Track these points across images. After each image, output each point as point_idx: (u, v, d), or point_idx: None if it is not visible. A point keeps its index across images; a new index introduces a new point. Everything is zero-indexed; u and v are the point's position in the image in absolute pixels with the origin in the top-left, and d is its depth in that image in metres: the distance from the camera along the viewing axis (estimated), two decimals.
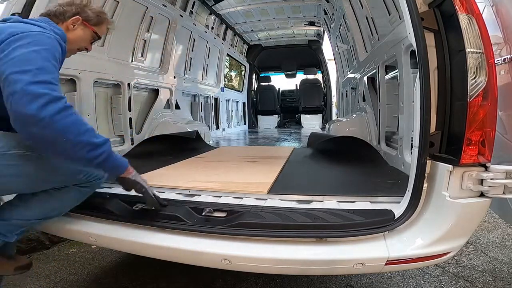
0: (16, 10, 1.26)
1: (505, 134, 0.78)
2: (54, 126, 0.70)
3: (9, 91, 0.69)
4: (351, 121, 2.28)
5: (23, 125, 0.71)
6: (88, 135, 0.75)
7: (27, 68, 0.71)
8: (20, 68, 0.71)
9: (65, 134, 0.72)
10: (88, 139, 0.75)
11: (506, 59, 0.79)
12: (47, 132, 0.70)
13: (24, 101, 0.68)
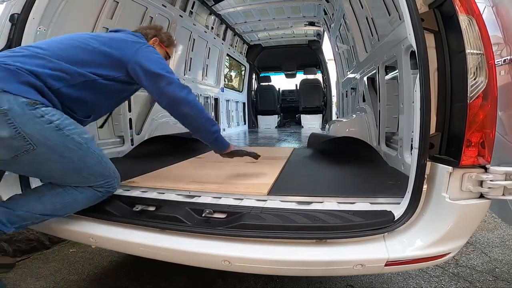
0: (15, 11, 1.26)
1: (505, 135, 0.78)
2: (196, 107, 1.07)
3: (166, 82, 1.03)
4: (351, 121, 2.28)
5: (177, 106, 1.05)
6: (208, 115, 1.13)
7: (169, 69, 1.08)
8: (166, 69, 1.06)
9: (201, 113, 1.09)
10: (210, 117, 1.14)
11: (506, 60, 0.79)
12: (193, 110, 1.06)
13: (178, 89, 1.04)
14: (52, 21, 1.51)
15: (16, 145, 0.81)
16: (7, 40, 1.25)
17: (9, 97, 0.80)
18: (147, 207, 1.00)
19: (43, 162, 0.87)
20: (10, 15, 1.25)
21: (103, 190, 0.98)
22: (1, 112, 0.79)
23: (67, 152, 0.88)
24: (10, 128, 0.80)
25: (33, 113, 0.82)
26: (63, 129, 0.87)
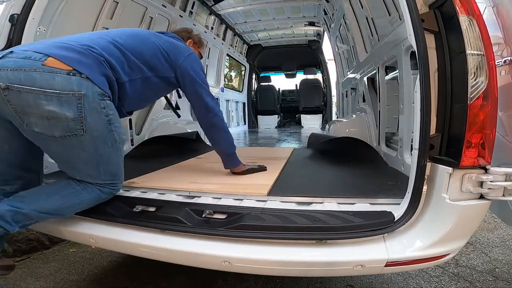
0: (15, 11, 1.26)
1: (505, 136, 0.78)
2: (223, 121, 1.23)
3: (206, 93, 1.19)
4: (351, 121, 2.28)
5: (210, 114, 1.19)
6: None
7: (206, 81, 1.23)
8: (205, 81, 1.21)
9: (226, 128, 1.26)
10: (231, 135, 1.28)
11: (506, 61, 0.78)
12: (220, 123, 1.22)
13: (214, 102, 1.21)
14: (52, 21, 1.51)
15: (72, 126, 0.85)
16: (7, 40, 1.25)
17: (88, 84, 0.87)
18: (147, 208, 1.00)
19: (78, 148, 0.90)
20: (10, 15, 1.25)
21: (107, 191, 0.99)
22: (78, 95, 0.84)
23: (101, 145, 0.92)
24: (76, 110, 0.84)
25: (99, 104, 0.89)
26: (112, 124, 0.93)
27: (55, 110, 0.82)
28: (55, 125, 0.84)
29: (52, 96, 0.81)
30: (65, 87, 0.83)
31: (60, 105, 0.82)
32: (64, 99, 0.82)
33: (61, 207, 0.94)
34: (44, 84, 0.81)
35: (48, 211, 0.92)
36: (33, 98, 0.81)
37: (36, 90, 0.80)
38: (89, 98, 0.86)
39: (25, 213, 0.88)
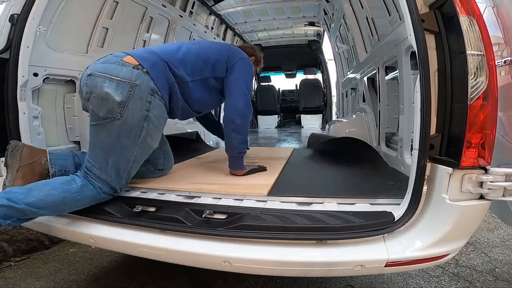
0: (15, 11, 1.26)
1: (505, 136, 0.77)
2: (247, 124, 1.26)
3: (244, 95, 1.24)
4: (351, 121, 2.28)
5: (237, 113, 1.21)
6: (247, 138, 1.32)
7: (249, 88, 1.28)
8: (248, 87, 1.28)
9: (245, 131, 1.27)
10: (247, 140, 1.31)
11: (506, 61, 0.78)
12: (242, 124, 1.23)
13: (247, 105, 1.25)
14: (52, 21, 1.51)
15: (114, 110, 0.95)
16: (7, 40, 1.25)
17: (146, 78, 0.99)
18: (147, 208, 1.00)
19: (106, 134, 0.98)
20: (10, 15, 1.25)
21: (106, 191, 1.01)
22: (132, 84, 0.97)
23: (125, 135, 0.99)
24: (125, 96, 0.95)
25: (146, 97, 0.99)
26: (146, 121, 1.00)
27: (109, 92, 0.94)
28: (103, 105, 0.96)
29: (113, 81, 0.96)
30: (126, 76, 0.97)
31: (115, 89, 0.95)
32: (121, 86, 0.96)
33: (58, 200, 0.93)
34: (113, 72, 0.97)
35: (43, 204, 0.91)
36: (100, 81, 0.96)
37: (105, 76, 0.96)
38: (141, 89, 0.98)
39: (20, 208, 0.87)
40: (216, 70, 1.22)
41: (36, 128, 1.41)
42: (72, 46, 1.68)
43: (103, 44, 1.88)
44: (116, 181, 1.02)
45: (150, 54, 1.06)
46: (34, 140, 1.36)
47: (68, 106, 1.70)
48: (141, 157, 1.06)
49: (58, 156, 1.07)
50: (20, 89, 1.27)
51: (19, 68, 1.26)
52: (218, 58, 1.23)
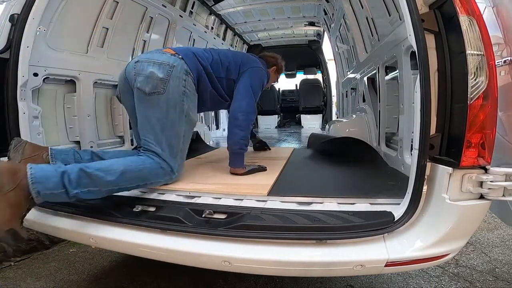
0: (15, 11, 1.26)
1: (505, 136, 0.77)
2: (248, 123, 1.37)
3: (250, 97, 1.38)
4: (351, 121, 2.28)
5: (242, 113, 1.34)
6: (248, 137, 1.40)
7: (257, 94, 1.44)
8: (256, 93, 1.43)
9: (247, 129, 1.36)
10: (248, 138, 1.39)
11: (506, 61, 0.78)
12: (244, 122, 1.34)
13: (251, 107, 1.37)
14: (52, 21, 1.51)
15: (158, 85, 1.14)
16: (7, 40, 1.25)
17: (181, 62, 1.21)
18: (147, 208, 1.00)
19: (155, 106, 1.15)
20: (10, 15, 1.25)
21: (165, 167, 1.13)
22: (171, 65, 1.18)
23: (171, 109, 1.16)
24: (166, 73, 1.15)
25: (182, 76, 1.19)
26: (185, 96, 1.19)
27: (153, 71, 1.15)
28: (149, 82, 1.14)
29: (156, 63, 1.17)
30: (166, 60, 1.19)
31: (158, 69, 1.16)
32: (162, 66, 1.17)
33: (124, 171, 1.02)
34: (155, 57, 1.20)
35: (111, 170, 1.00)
36: (146, 65, 1.17)
37: (150, 60, 1.18)
38: (177, 69, 1.18)
39: (90, 173, 0.94)
40: (230, 73, 1.40)
41: (36, 128, 1.41)
42: (72, 46, 1.68)
43: (103, 44, 1.89)
44: (171, 159, 1.15)
45: (183, 48, 1.35)
46: (34, 140, 1.35)
47: (68, 106, 1.70)
48: (188, 135, 1.24)
49: (58, 151, 1.13)
50: (20, 89, 1.27)
51: (19, 68, 1.26)
52: (232, 62, 1.41)
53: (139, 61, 1.19)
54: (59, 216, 1.10)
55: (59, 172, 0.89)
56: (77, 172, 0.91)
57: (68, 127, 1.71)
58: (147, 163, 1.09)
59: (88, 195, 0.94)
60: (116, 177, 0.99)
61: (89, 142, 1.77)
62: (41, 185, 0.85)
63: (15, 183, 0.81)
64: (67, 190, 0.89)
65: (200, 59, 1.30)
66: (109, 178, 0.97)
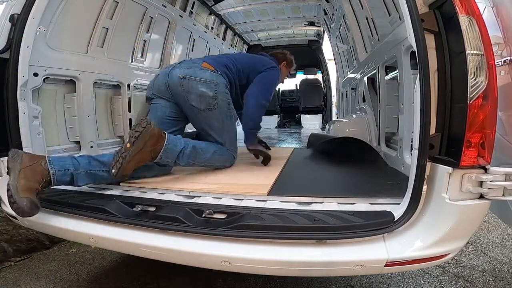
0: (15, 11, 1.26)
1: (505, 136, 0.77)
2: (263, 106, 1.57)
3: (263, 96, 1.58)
4: (351, 121, 2.28)
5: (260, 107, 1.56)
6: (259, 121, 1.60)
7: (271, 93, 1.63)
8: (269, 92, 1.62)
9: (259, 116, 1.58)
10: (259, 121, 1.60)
11: (506, 61, 0.78)
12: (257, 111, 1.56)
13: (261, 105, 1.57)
14: (52, 21, 1.51)
15: (211, 102, 1.39)
16: (7, 40, 1.25)
17: (221, 78, 1.43)
18: (147, 208, 1.00)
19: (212, 118, 1.42)
20: (10, 15, 1.25)
21: (233, 152, 1.49)
22: (215, 83, 1.40)
23: (225, 118, 1.45)
24: (213, 91, 1.39)
25: (224, 90, 1.44)
26: (230, 105, 1.48)
27: (204, 90, 1.37)
28: (202, 101, 1.38)
29: (203, 82, 1.37)
30: (210, 78, 1.39)
31: (206, 88, 1.37)
32: (209, 85, 1.38)
33: (214, 153, 1.39)
34: (200, 75, 1.38)
35: (204, 147, 1.36)
36: (194, 84, 1.37)
37: (196, 79, 1.37)
38: (220, 86, 1.41)
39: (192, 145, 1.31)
40: (249, 79, 1.60)
41: (36, 128, 1.41)
42: (72, 46, 1.68)
43: (103, 44, 1.89)
44: (233, 150, 1.49)
45: (218, 62, 1.51)
46: (34, 140, 1.36)
47: (68, 106, 1.70)
48: (235, 130, 1.54)
49: (56, 158, 1.14)
50: (20, 89, 1.27)
51: (19, 68, 1.25)
52: (251, 68, 1.62)
53: (185, 78, 1.37)
54: (59, 216, 1.10)
55: (180, 148, 1.26)
56: (191, 148, 1.29)
57: (68, 127, 1.71)
58: (225, 151, 1.44)
59: (185, 165, 1.31)
60: (209, 156, 1.36)
61: (89, 142, 1.78)
62: (168, 155, 1.22)
63: None
64: (179, 160, 1.26)
65: (231, 72, 1.53)
66: (205, 155, 1.35)
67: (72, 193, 1.19)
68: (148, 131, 1.13)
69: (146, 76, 2.36)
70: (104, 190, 1.24)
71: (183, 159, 1.26)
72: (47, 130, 1.53)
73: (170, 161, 1.23)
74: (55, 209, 1.10)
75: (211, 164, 1.40)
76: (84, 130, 1.74)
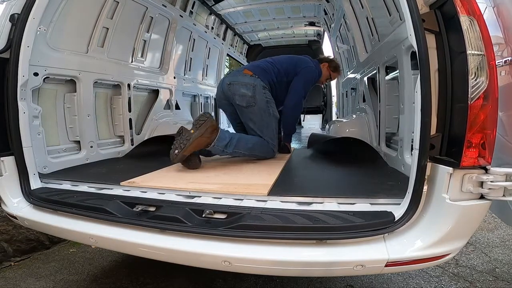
0: (15, 11, 1.26)
1: (505, 136, 0.77)
2: (296, 114, 2.03)
3: (299, 94, 1.89)
4: (351, 121, 2.28)
5: (287, 106, 1.88)
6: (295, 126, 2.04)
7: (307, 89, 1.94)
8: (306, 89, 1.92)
9: (291, 118, 1.97)
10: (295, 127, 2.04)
11: (507, 61, 0.78)
12: (295, 114, 1.98)
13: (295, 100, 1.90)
14: (52, 21, 1.51)
15: (250, 100, 1.69)
16: (8, 40, 1.24)
17: (258, 80, 1.73)
18: (147, 208, 1.00)
19: (253, 114, 1.71)
20: (10, 15, 1.25)
21: (274, 146, 1.74)
22: (253, 85, 1.70)
23: (264, 114, 1.71)
24: (252, 92, 1.69)
25: (262, 90, 1.72)
26: (268, 103, 1.74)
27: (244, 91, 1.70)
28: (243, 99, 1.70)
29: (243, 85, 1.71)
30: (249, 81, 1.71)
31: (246, 89, 1.69)
32: (248, 87, 1.70)
33: (256, 143, 1.67)
34: (241, 80, 1.73)
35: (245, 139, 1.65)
36: (238, 87, 1.72)
37: (239, 83, 1.72)
38: (258, 87, 1.71)
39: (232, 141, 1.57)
40: (289, 75, 1.85)
41: (36, 128, 1.41)
42: (72, 45, 1.68)
43: (103, 44, 1.89)
44: (273, 143, 1.73)
45: (257, 67, 1.81)
46: (34, 140, 1.36)
47: (68, 105, 1.70)
48: (276, 125, 1.78)
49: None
50: (20, 88, 1.27)
51: (20, 67, 1.25)
52: (290, 67, 1.85)
53: (231, 84, 1.73)
54: (59, 216, 1.10)
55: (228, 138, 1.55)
56: (237, 139, 1.58)
57: (68, 126, 1.71)
58: (265, 143, 1.69)
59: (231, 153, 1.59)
60: (251, 146, 1.63)
61: (89, 142, 1.78)
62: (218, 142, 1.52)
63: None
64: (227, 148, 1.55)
65: (269, 74, 1.78)
66: (247, 145, 1.62)
67: (72, 193, 1.19)
68: (208, 121, 1.47)
69: (146, 76, 2.36)
70: (104, 190, 1.24)
71: (230, 147, 1.55)
72: (47, 130, 1.53)
73: (220, 148, 1.52)
74: (55, 209, 1.10)
75: (253, 153, 1.66)
76: (84, 130, 1.74)
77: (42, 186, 1.31)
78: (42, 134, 1.45)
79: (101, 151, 1.86)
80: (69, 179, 1.36)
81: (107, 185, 1.26)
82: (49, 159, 1.50)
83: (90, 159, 1.76)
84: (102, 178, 1.36)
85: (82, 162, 1.70)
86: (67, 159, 1.63)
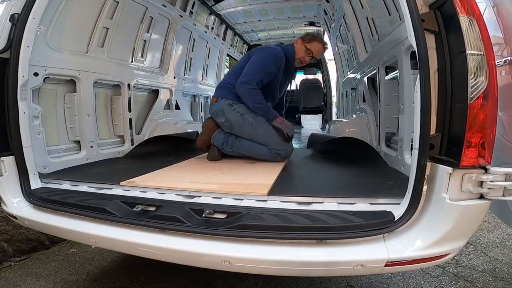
0: (15, 11, 1.26)
1: (505, 136, 0.78)
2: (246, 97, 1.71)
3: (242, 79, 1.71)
4: (351, 121, 2.28)
5: (238, 89, 1.72)
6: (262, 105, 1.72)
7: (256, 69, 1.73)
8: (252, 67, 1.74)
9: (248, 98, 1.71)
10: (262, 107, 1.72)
11: (506, 61, 0.78)
12: (243, 94, 1.71)
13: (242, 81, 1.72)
14: (52, 21, 1.51)
15: (227, 124, 1.74)
16: (8, 40, 1.25)
17: (223, 101, 1.75)
18: (147, 207, 1.00)
19: (238, 132, 1.73)
20: (10, 15, 1.25)
21: (274, 152, 1.66)
22: (221, 110, 1.74)
23: (244, 128, 1.71)
24: (224, 116, 1.74)
25: (230, 109, 1.72)
26: (243, 115, 1.70)
27: (220, 120, 1.77)
28: (224, 126, 1.77)
29: (216, 115, 1.78)
30: (216, 109, 1.77)
31: (219, 117, 1.76)
32: (218, 114, 1.76)
33: (252, 146, 1.70)
34: (213, 110, 1.80)
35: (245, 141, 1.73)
36: (215, 117, 1.80)
37: (213, 113, 1.80)
38: (225, 108, 1.73)
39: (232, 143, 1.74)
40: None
41: (36, 128, 1.41)
42: (73, 45, 1.68)
43: (103, 44, 1.89)
44: (276, 148, 1.66)
45: (218, 89, 1.84)
46: (34, 140, 1.36)
47: (68, 105, 1.70)
48: (267, 129, 1.69)
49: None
50: (20, 88, 1.27)
51: (20, 67, 1.26)
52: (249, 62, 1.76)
53: (211, 116, 1.84)
54: (59, 216, 1.10)
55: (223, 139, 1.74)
56: (232, 140, 1.73)
57: (68, 126, 1.71)
58: (265, 148, 1.68)
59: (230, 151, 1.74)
60: (248, 148, 1.70)
61: (89, 142, 1.78)
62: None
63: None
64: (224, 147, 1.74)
65: (230, 86, 1.75)
66: (244, 147, 1.71)
67: (72, 193, 1.19)
68: (207, 123, 1.83)
69: (146, 76, 2.36)
70: (104, 190, 1.24)
71: (227, 146, 1.73)
72: (47, 130, 1.53)
73: (219, 146, 1.74)
74: (55, 209, 1.10)
75: (251, 154, 1.71)
76: (84, 130, 1.74)
77: (42, 186, 1.31)
78: (42, 134, 1.45)
79: (101, 151, 1.86)
80: (69, 179, 1.36)
81: (107, 185, 1.26)
82: (49, 159, 1.50)
83: (90, 159, 1.76)
84: (102, 178, 1.36)
85: (82, 162, 1.70)
86: (67, 159, 1.63)
